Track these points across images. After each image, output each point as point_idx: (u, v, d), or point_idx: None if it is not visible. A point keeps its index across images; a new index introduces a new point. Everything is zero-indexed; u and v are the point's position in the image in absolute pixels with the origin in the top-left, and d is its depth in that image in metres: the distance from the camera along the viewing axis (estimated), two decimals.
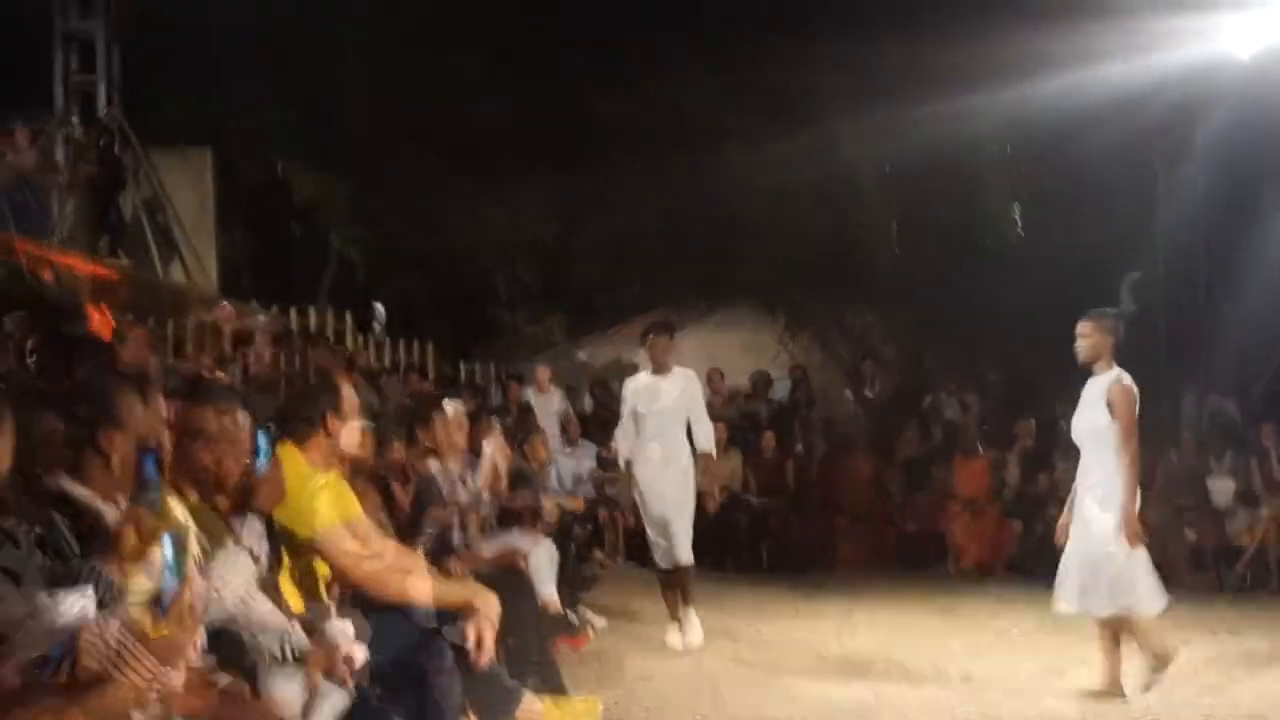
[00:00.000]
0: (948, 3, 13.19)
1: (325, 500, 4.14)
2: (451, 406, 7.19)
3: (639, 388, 7.64)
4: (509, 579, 5.36)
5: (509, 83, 19.95)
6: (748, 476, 12.31)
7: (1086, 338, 6.30)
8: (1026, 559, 11.26)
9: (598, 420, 12.16)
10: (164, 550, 2.59)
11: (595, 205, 17.19)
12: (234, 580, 3.46)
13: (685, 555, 7.50)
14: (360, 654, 3.71)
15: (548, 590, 6.90)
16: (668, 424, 7.49)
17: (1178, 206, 12.93)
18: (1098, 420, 6.19)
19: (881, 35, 13.36)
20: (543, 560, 6.97)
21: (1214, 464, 11.18)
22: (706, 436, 7.61)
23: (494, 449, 7.48)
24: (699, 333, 16.01)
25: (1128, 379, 6.19)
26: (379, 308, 16.77)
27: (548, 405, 12.17)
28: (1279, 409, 11.82)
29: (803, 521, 11.97)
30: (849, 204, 14.60)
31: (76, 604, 2.50)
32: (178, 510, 3.23)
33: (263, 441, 3.81)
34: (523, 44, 19.93)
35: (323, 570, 4.18)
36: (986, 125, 13.49)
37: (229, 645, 3.45)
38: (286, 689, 3.30)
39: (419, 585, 4.28)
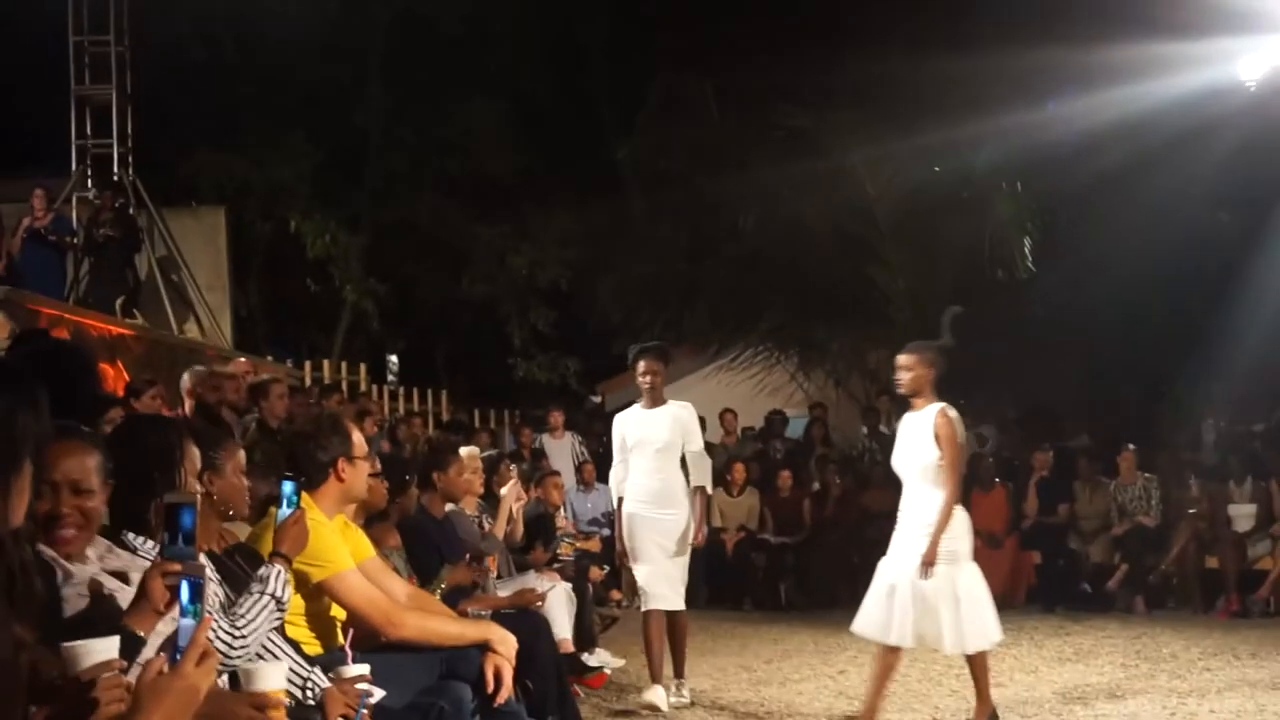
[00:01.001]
0: (950, 33, 13.30)
1: (338, 545, 4.18)
2: (467, 452, 7.27)
3: (629, 421, 7.20)
4: (526, 620, 5.36)
5: (523, 134, 20.23)
6: (765, 516, 12.31)
7: (908, 370, 6.07)
8: (1045, 589, 11.23)
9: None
10: (181, 594, 2.61)
11: (609, 255, 17.27)
12: (258, 625, 3.49)
13: (675, 600, 6.95)
14: (377, 694, 3.73)
15: (564, 631, 6.90)
16: (660, 459, 7.02)
17: (1187, 233, 12.95)
18: (924, 455, 5.95)
19: (889, 63, 13.46)
20: (559, 601, 6.99)
21: (1234, 489, 11.13)
22: (699, 471, 7.15)
23: (509, 493, 7.54)
24: (713, 375, 16.06)
25: (952, 411, 5.97)
26: (392, 360, 16.89)
27: (562, 449, 12.29)
28: None
29: (821, 559, 11.93)
30: (862, 237, 14.60)
31: (100, 652, 2.54)
32: (201, 557, 3.26)
33: (288, 489, 3.83)
34: (535, 96, 20.16)
35: (338, 614, 4.20)
36: (994, 153, 13.55)
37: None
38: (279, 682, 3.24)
39: (435, 626, 4.32)
